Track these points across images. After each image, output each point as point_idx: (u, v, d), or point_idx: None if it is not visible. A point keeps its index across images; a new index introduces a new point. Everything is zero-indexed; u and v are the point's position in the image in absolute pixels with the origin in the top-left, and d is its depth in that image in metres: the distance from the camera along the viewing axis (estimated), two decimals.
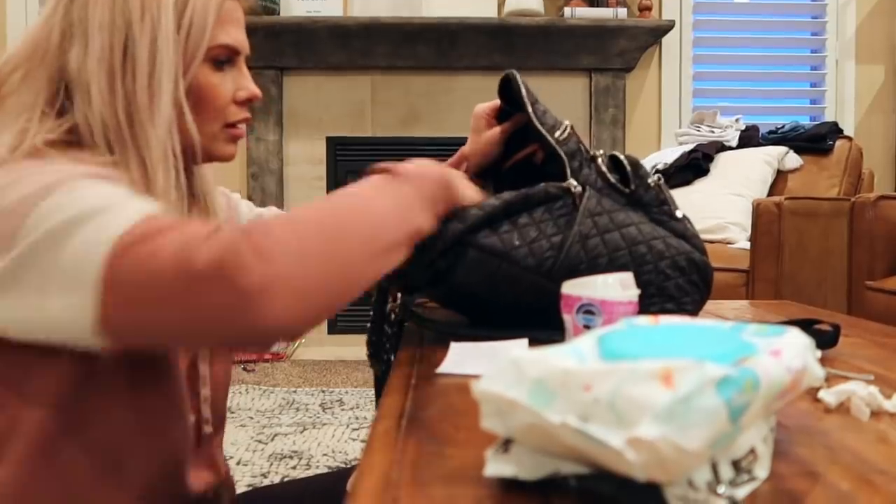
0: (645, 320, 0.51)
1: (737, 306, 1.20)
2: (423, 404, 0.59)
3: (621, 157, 0.86)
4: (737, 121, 3.01)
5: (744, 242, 2.46)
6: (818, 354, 0.48)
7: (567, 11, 3.22)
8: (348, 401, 2.59)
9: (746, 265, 2.26)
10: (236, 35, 0.76)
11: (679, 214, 0.85)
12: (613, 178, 0.85)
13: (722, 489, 0.38)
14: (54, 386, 0.63)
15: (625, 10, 3.24)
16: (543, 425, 0.38)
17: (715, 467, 0.38)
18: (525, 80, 0.93)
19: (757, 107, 3.54)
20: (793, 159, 2.76)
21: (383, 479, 0.43)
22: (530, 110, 0.88)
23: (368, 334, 0.88)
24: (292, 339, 0.56)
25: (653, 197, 0.85)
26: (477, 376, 0.42)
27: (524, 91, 0.89)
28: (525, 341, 0.79)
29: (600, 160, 0.86)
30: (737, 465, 0.40)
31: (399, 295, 0.86)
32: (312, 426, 2.29)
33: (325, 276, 0.56)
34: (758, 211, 2.24)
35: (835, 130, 2.81)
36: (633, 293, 0.69)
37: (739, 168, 2.73)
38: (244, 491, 0.96)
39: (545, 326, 0.76)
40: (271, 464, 1.97)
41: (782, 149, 2.76)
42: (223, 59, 0.75)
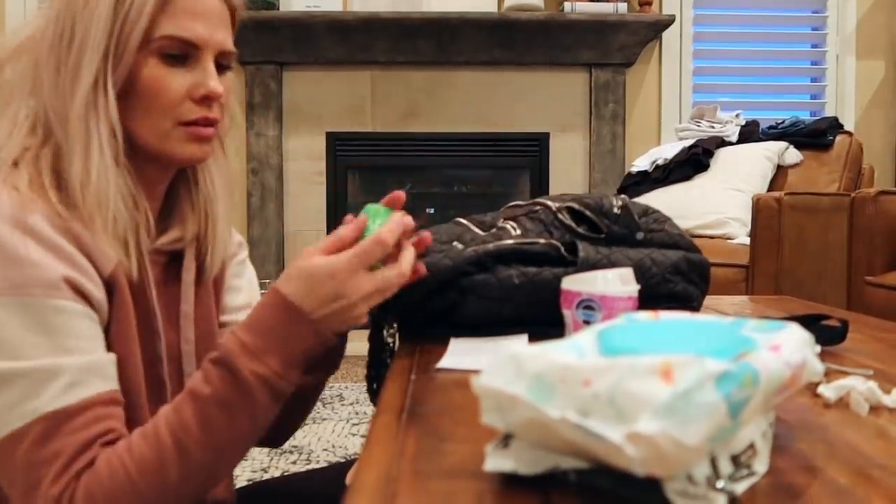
0: (645, 315, 0.52)
1: (736, 302, 1.20)
2: (423, 399, 0.59)
3: (577, 207, 0.87)
4: (737, 116, 3.01)
5: (744, 238, 2.46)
6: (818, 349, 0.48)
7: (567, 6, 3.22)
8: (348, 396, 2.59)
9: (746, 260, 2.26)
10: (193, 28, 0.71)
11: (640, 237, 0.86)
12: (583, 230, 0.85)
13: (721, 484, 0.38)
14: None
15: (625, 4, 3.24)
16: (543, 420, 0.38)
17: (714, 462, 0.38)
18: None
19: (757, 102, 3.53)
20: (793, 154, 2.75)
21: (383, 473, 0.43)
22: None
23: (367, 368, 0.85)
24: None
25: (625, 224, 0.86)
26: (477, 371, 0.42)
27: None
28: (525, 337, 0.79)
29: (561, 216, 0.86)
30: (736, 459, 0.40)
31: (395, 324, 0.85)
32: (312, 421, 2.29)
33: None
34: (758, 206, 2.24)
35: (835, 126, 2.80)
36: (632, 288, 0.69)
37: (739, 163, 2.73)
38: (244, 485, 0.96)
39: (545, 322, 0.76)
40: (271, 459, 1.97)
41: (782, 144, 2.76)
42: (175, 52, 0.71)
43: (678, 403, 0.35)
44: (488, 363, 0.41)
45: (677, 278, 0.84)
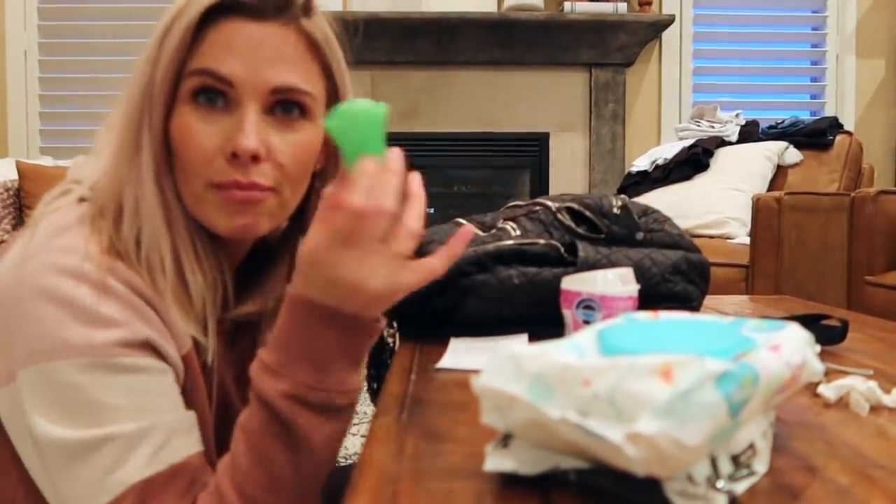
0: (644, 315, 0.51)
1: (736, 301, 1.20)
2: (423, 399, 0.59)
3: (576, 207, 0.87)
4: (737, 116, 3.01)
5: (743, 237, 2.46)
6: (818, 349, 0.48)
7: (567, 6, 3.22)
8: None
9: (746, 260, 2.26)
10: (229, 63, 0.58)
11: (639, 237, 0.86)
12: (583, 230, 0.85)
13: (721, 484, 0.38)
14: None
15: (625, 4, 3.24)
16: (543, 420, 0.38)
17: (714, 462, 0.38)
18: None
19: (757, 102, 3.54)
20: (793, 154, 2.75)
21: (383, 473, 0.43)
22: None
23: (367, 368, 0.82)
24: None
25: (625, 225, 0.86)
26: (476, 371, 0.42)
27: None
28: (525, 336, 0.79)
29: (560, 217, 0.86)
30: (736, 459, 0.40)
31: (395, 324, 0.85)
32: None
33: None
34: (757, 206, 2.24)
35: (835, 125, 2.80)
36: (632, 288, 0.69)
37: (739, 163, 2.73)
38: None
39: (545, 322, 0.76)
40: None
41: (782, 144, 2.76)
42: (204, 90, 0.59)
43: (678, 403, 0.35)
44: (488, 363, 0.41)
45: (677, 278, 0.84)
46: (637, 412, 0.35)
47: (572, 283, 0.70)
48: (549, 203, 0.89)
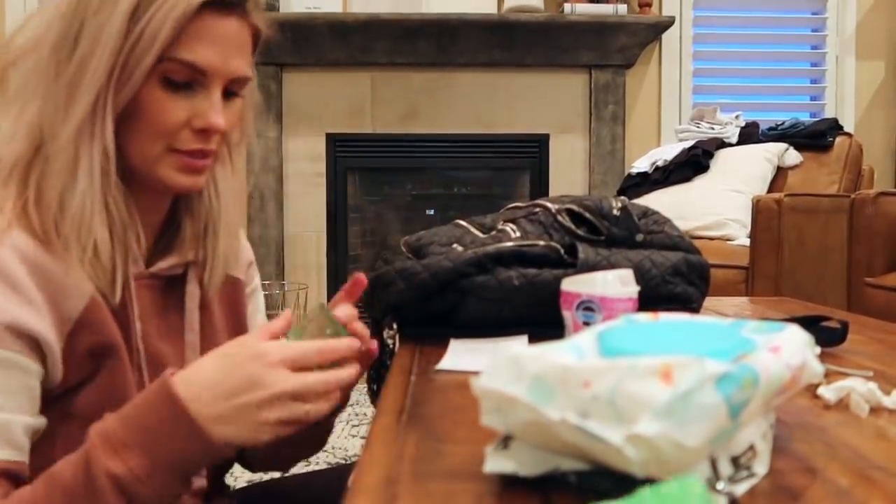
0: (644, 317, 0.52)
1: (736, 303, 1.20)
2: (423, 401, 0.59)
3: (576, 209, 0.87)
4: (737, 117, 3.01)
5: (743, 239, 2.46)
6: (818, 351, 0.48)
7: (567, 7, 3.22)
8: None
9: (746, 262, 2.26)
10: (207, 54, 0.66)
11: (639, 238, 0.86)
12: (582, 232, 0.85)
13: (721, 485, 0.38)
14: None
15: (625, 6, 3.24)
16: (543, 422, 0.38)
17: (714, 464, 0.38)
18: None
19: (757, 103, 3.54)
20: (793, 156, 2.76)
21: (383, 475, 0.43)
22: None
23: (367, 369, 0.83)
24: None
25: (626, 226, 0.86)
26: (476, 373, 0.42)
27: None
28: (525, 338, 0.79)
29: (560, 218, 0.86)
30: (736, 461, 0.40)
31: (395, 325, 0.85)
32: None
33: None
34: (757, 207, 2.24)
35: (835, 127, 2.81)
36: (632, 290, 0.69)
37: (739, 165, 2.73)
38: (243, 486, 0.96)
39: (545, 324, 0.76)
40: None
41: (782, 145, 2.76)
42: (180, 79, 0.66)
43: (678, 405, 0.35)
44: (488, 364, 0.41)
45: (677, 279, 0.84)
46: (637, 413, 0.35)
47: (572, 284, 0.70)
48: (549, 205, 0.89)
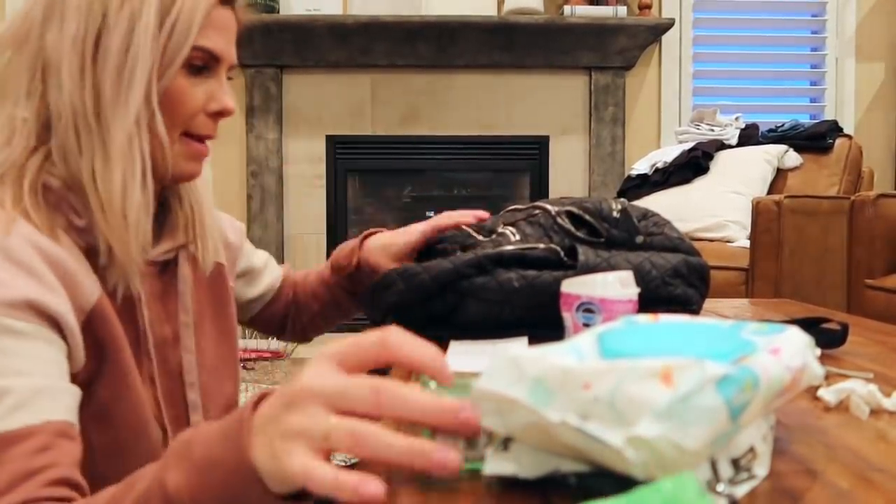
0: (645, 318, 0.51)
1: (736, 305, 1.20)
2: None
3: (576, 211, 0.87)
4: (736, 119, 3.01)
5: (743, 241, 2.46)
6: (818, 353, 0.48)
7: (567, 9, 3.22)
8: None
9: (746, 264, 2.26)
10: (220, 42, 0.72)
11: (639, 240, 0.86)
12: (582, 234, 0.85)
13: (721, 487, 0.38)
14: None
15: (624, 8, 3.24)
16: (543, 424, 0.38)
17: (714, 465, 0.38)
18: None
19: (757, 105, 3.54)
20: (792, 158, 2.76)
21: (383, 477, 0.43)
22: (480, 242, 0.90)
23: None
24: None
25: (625, 228, 0.86)
26: (476, 374, 0.42)
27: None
28: (524, 339, 0.79)
29: (560, 220, 0.86)
30: (736, 463, 0.40)
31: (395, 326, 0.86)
32: None
33: None
34: (757, 209, 2.24)
35: (834, 129, 2.81)
36: (632, 291, 0.69)
37: (739, 166, 2.73)
38: None
39: (545, 325, 0.76)
40: None
41: (782, 147, 2.76)
42: (200, 64, 0.71)
43: (678, 407, 0.35)
44: (488, 366, 0.41)
45: (677, 281, 0.84)
46: (637, 415, 0.35)
47: (572, 286, 0.70)
48: (549, 207, 0.89)
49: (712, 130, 2.98)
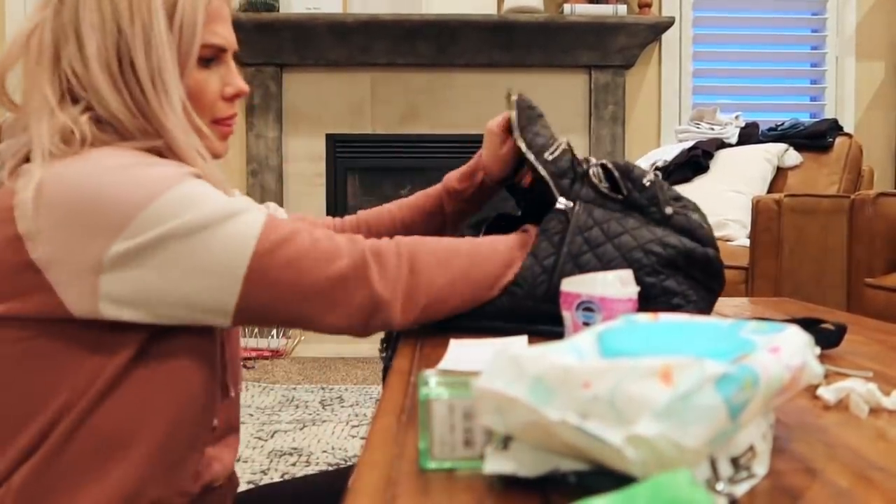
0: (644, 317, 0.52)
1: (736, 303, 1.20)
2: None
3: (609, 164, 0.86)
4: (736, 118, 3.01)
5: (743, 239, 2.46)
6: (817, 351, 0.48)
7: (567, 8, 3.22)
8: (348, 398, 2.59)
9: (746, 262, 2.26)
10: (223, 32, 0.76)
11: (668, 211, 0.85)
12: (605, 188, 0.85)
13: (721, 486, 0.38)
14: (109, 362, 0.66)
15: (624, 6, 3.24)
16: (543, 422, 0.38)
17: (714, 464, 0.38)
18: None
19: (757, 104, 3.54)
20: (792, 156, 2.76)
21: (383, 475, 0.43)
22: (517, 135, 0.91)
23: (384, 349, 0.87)
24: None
25: (649, 196, 0.85)
26: (476, 373, 0.42)
27: (515, 117, 0.93)
28: (524, 338, 0.79)
29: (591, 171, 0.86)
30: (736, 462, 0.40)
31: None
32: (312, 423, 2.29)
33: (433, 297, 0.75)
34: (757, 208, 2.24)
35: (835, 127, 2.81)
36: (632, 290, 0.69)
37: (739, 165, 2.73)
38: (245, 489, 0.96)
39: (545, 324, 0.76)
40: (271, 461, 1.97)
41: (782, 146, 2.76)
42: (210, 57, 0.76)
43: (678, 406, 0.35)
44: (488, 365, 0.41)
45: (668, 271, 0.83)
46: (637, 414, 0.35)
47: (572, 284, 0.70)
48: (591, 158, 0.89)
49: (712, 129, 2.98)
